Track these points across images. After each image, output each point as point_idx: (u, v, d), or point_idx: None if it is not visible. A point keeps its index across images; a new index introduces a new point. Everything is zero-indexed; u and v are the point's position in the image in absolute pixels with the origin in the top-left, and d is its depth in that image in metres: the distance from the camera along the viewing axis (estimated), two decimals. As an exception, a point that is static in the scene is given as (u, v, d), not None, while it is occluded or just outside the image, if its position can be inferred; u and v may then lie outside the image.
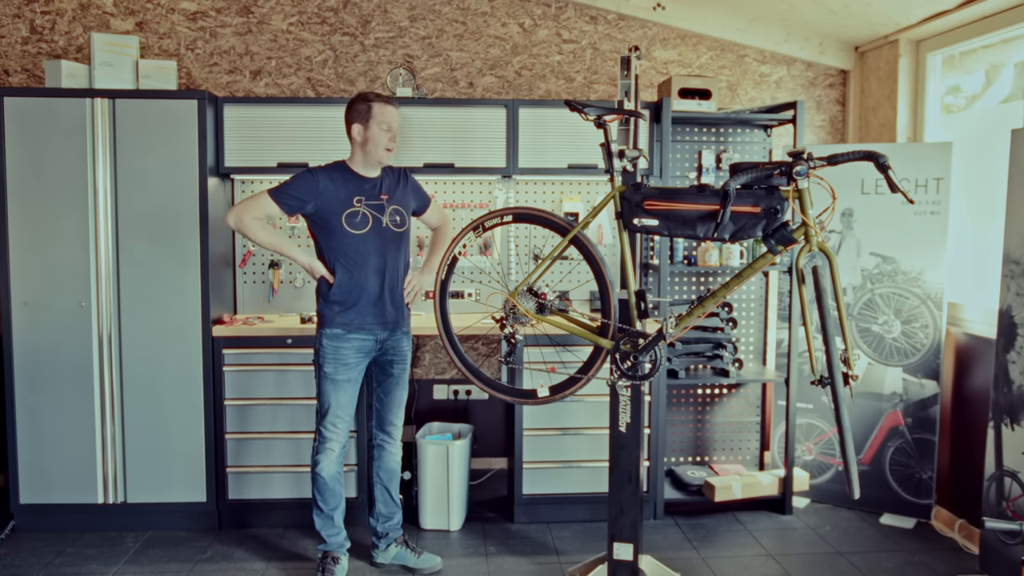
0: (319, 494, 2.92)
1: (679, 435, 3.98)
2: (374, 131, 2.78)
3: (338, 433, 2.89)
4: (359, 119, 2.80)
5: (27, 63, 3.84)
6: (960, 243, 3.54)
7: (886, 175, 1.99)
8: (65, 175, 3.23)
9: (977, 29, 3.37)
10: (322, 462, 2.89)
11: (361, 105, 2.80)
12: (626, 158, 2.45)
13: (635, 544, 2.52)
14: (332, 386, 2.85)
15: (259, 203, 2.81)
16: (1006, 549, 2.88)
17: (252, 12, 3.92)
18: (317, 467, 2.89)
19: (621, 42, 4.07)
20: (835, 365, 2.03)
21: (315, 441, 2.91)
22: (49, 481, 3.31)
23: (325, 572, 2.91)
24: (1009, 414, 2.89)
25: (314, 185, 2.78)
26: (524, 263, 3.89)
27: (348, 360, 2.85)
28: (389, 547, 3.07)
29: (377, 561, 3.07)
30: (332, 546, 2.96)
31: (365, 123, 2.79)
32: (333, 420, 2.87)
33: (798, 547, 3.27)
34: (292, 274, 3.83)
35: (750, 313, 3.98)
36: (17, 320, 3.25)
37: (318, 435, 2.89)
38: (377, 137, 2.79)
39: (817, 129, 4.21)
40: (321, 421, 2.88)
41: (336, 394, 2.85)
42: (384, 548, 3.07)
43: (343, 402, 2.87)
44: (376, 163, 2.86)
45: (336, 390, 2.85)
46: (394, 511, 3.08)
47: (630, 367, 2.39)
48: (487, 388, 2.61)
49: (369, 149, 2.81)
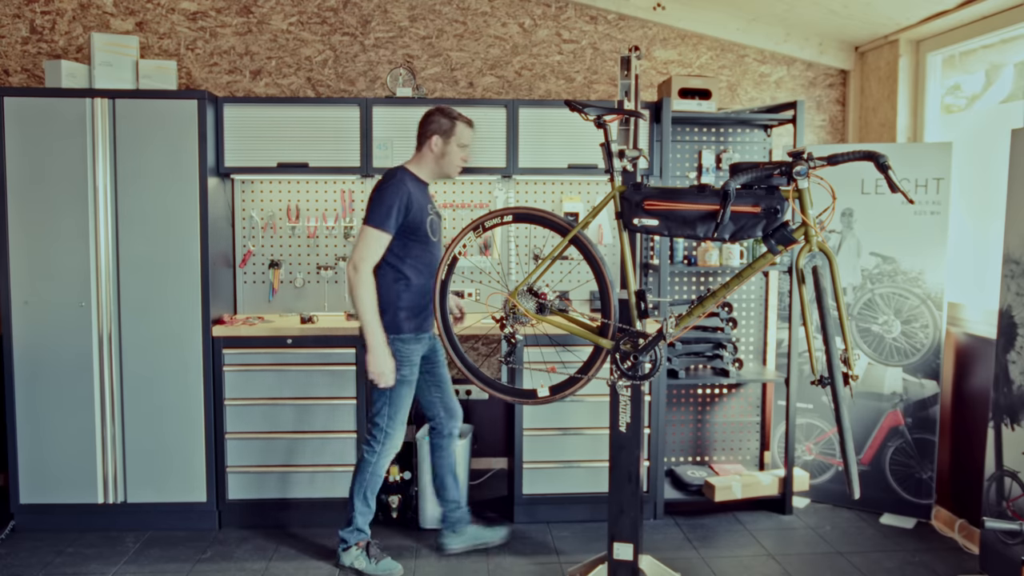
0: (370, 490, 2.99)
1: (679, 435, 3.98)
2: (452, 147, 2.94)
3: (403, 432, 3.01)
4: (440, 132, 2.93)
5: (27, 63, 3.84)
6: (960, 243, 3.54)
7: (886, 175, 1.99)
8: (65, 175, 3.23)
9: (977, 29, 3.37)
10: (383, 461, 2.98)
11: (445, 120, 2.93)
12: (626, 158, 2.45)
13: (635, 544, 2.53)
14: (407, 388, 2.96)
15: (376, 246, 2.82)
16: (1006, 549, 2.88)
17: (252, 12, 3.92)
18: (378, 465, 2.98)
19: (621, 42, 4.07)
20: (835, 365, 2.03)
21: (374, 440, 2.97)
22: (49, 481, 3.31)
23: (373, 557, 2.98)
24: (1009, 414, 2.89)
25: (406, 194, 2.85)
26: (524, 263, 3.89)
27: (415, 361, 2.98)
28: (467, 528, 3.18)
29: (451, 547, 3.16)
30: (368, 535, 3.03)
31: (446, 138, 2.93)
32: (402, 419, 2.98)
33: (798, 547, 3.27)
34: (292, 274, 3.83)
35: (750, 313, 3.98)
36: (17, 320, 3.25)
37: (382, 435, 2.96)
38: (453, 153, 2.95)
39: (817, 129, 4.21)
40: (389, 422, 2.96)
41: (408, 395, 2.97)
42: (462, 531, 3.17)
43: (410, 402, 3.01)
44: (444, 175, 3.02)
45: (408, 391, 2.97)
46: (460, 496, 3.20)
47: (630, 367, 2.39)
48: (487, 388, 2.61)
49: (444, 163, 2.96)
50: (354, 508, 2.99)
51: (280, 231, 3.82)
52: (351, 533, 3.00)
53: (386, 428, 2.96)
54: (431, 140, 2.93)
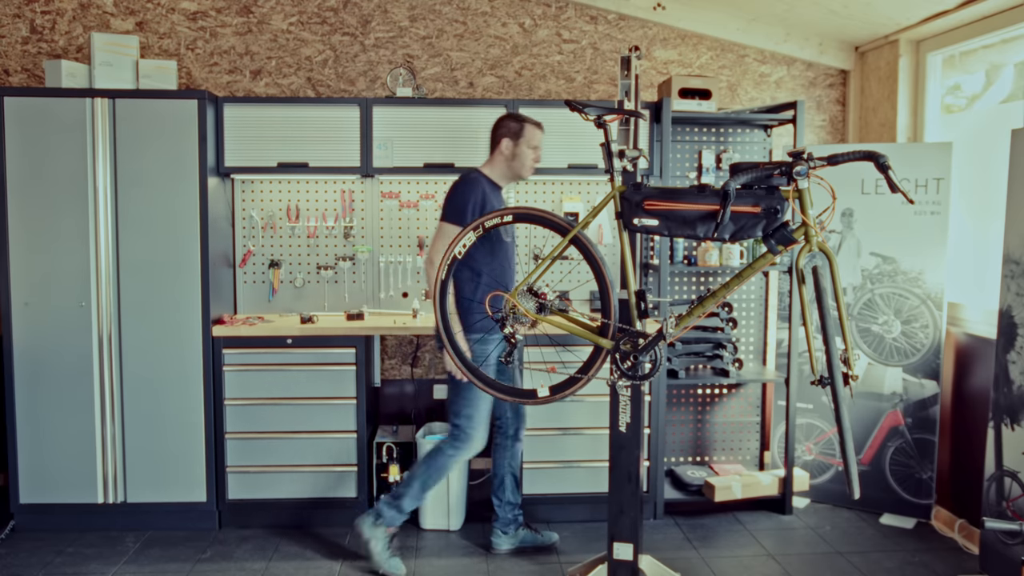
0: (432, 481, 3.00)
1: (679, 435, 3.98)
2: (523, 149, 3.00)
3: (485, 433, 3.03)
4: (510, 135, 2.99)
5: (27, 63, 3.84)
6: (960, 243, 3.54)
7: (886, 175, 1.99)
8: (65, 175, 3.23)
9: (977, 29, 3.37)
10: (459, 459, 3.00)
11: (513, 124, 3.00)
12: (626, 158, 2.44)
13: (635, 544, 2.52)
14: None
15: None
16: (1006, 549, 2.88)
17: (252, 12, 3.92)
18: (452, 460, 2.99)
19: (621, 42, 4.07)
20: (835, 365, 2.03)
21: (456, 440, 2.99)
22: (49, 481, 3.31)
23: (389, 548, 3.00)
24: (1009, 414, 2.89)
25: (481, 193, 2.93)
26: (524, 263, 3.89)
27: (492, 361, 2.99)
28: (518, 531, 3.21)
29: (500, 548, 3.19)
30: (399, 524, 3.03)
31: (516, 140, 2.99)
32: (482, 419, 3.00)
33: (798, 547, 3.27)
34: (292, 274, 3.83)
35: (750, 313, 3.98)
36: (17, 320, 3.25)
37: (463, 435, 2.98)
38: (524, 154, 3.01)
39: (817, 129, 4.21)
40: (468, 423, 2.97)
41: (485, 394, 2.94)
42: (513, 533, 3.20)
43: (489, 402, 3.02)
44: (517, 177, 3.07)
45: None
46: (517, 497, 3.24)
47: (630, 367, 2.39)
48: (487, 388, 2.61)
49: (515, 164, 3.02)
50: (408, 490, 2.99)
51: (280, 231, 3.82)
52: (391, 511, 2.99)
53: (466, 429, 2.98)
54: (501, 144, 3.00)
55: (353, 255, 3.84)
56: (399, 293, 3.88)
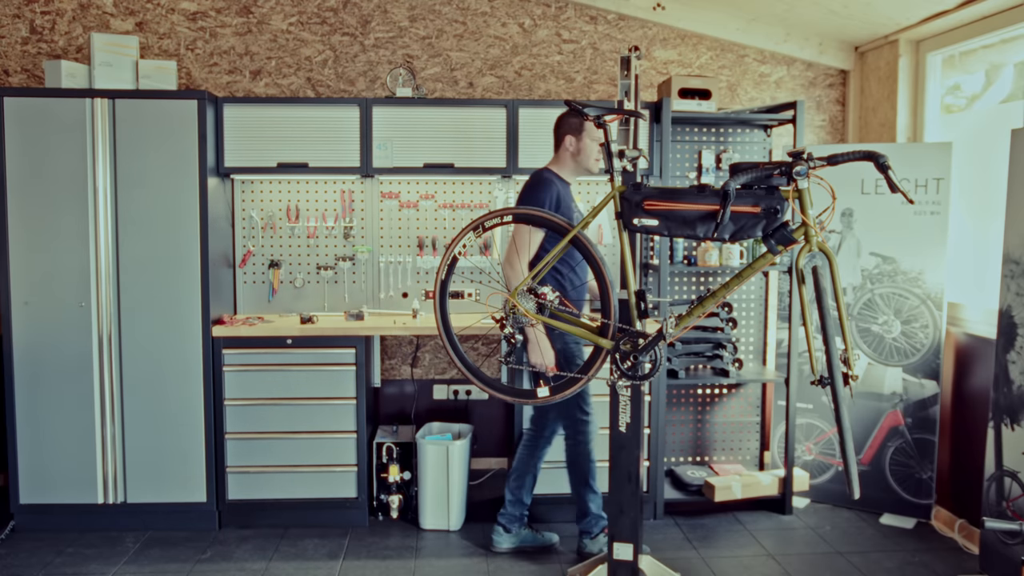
0: (592, 476, 3.09)
1: (679, 435, 3.98)
2: (587, 142, 2.98)
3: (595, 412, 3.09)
4: (572, 131, 2.99)
5: (27, 63, 3.84)
6: (960, 243, 3.54)
7: (886, 175, 1.99)
8: (65, 175, 3.23)
9: (977, 29, 3.37)
10: (592, 443, 3.07)
11: (574, 119, 2.98)
12: (626, 158, 2.44)
13: (635, 544, 2.52)
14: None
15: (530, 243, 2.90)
16: (1006, 549, 2.88)
17: (252, 12, 3.92)
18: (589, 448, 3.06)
19: (621, 42, 4.07)
20: (835, 365, 2.03)
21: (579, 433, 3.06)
22: (49, 481, 3.31)
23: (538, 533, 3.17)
24: (1009, 414, 2.89)
25: (555, 192, 2.93)
26: (524, 263, 3.89)
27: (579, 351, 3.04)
28: (520, 530, 3.22)
29: (503, 546, 3.20)
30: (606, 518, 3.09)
31: (578, 135, 2.98)
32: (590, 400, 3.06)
33: (798, 547, 3.27)
34: (292, 274, 3.83)
35: (750, 313, 3.98)
36: (17, 320, 3.25)
37: (583, 424, 3.06)
38: (590, 148, 2.99)
39: (817, 129, 4.21)
40: (582, 410, 3.05)
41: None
42: (515, 532, 3.21)
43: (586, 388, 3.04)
44: (586, 171, 3.05)
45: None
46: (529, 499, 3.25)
47: (630, 367, 2.39)
48: (487, 388, 2.61)
49: (581, 159, 3.01)
50: (586, 498, 3.09)
51: (280, 231, 3.82)
52: (593, 523, 3.11)
53: (583, 417, 3.06)
54: (565, 140, 3.01)
55: (353, 255, 3.85)
56: (399, 293, 3.88)
